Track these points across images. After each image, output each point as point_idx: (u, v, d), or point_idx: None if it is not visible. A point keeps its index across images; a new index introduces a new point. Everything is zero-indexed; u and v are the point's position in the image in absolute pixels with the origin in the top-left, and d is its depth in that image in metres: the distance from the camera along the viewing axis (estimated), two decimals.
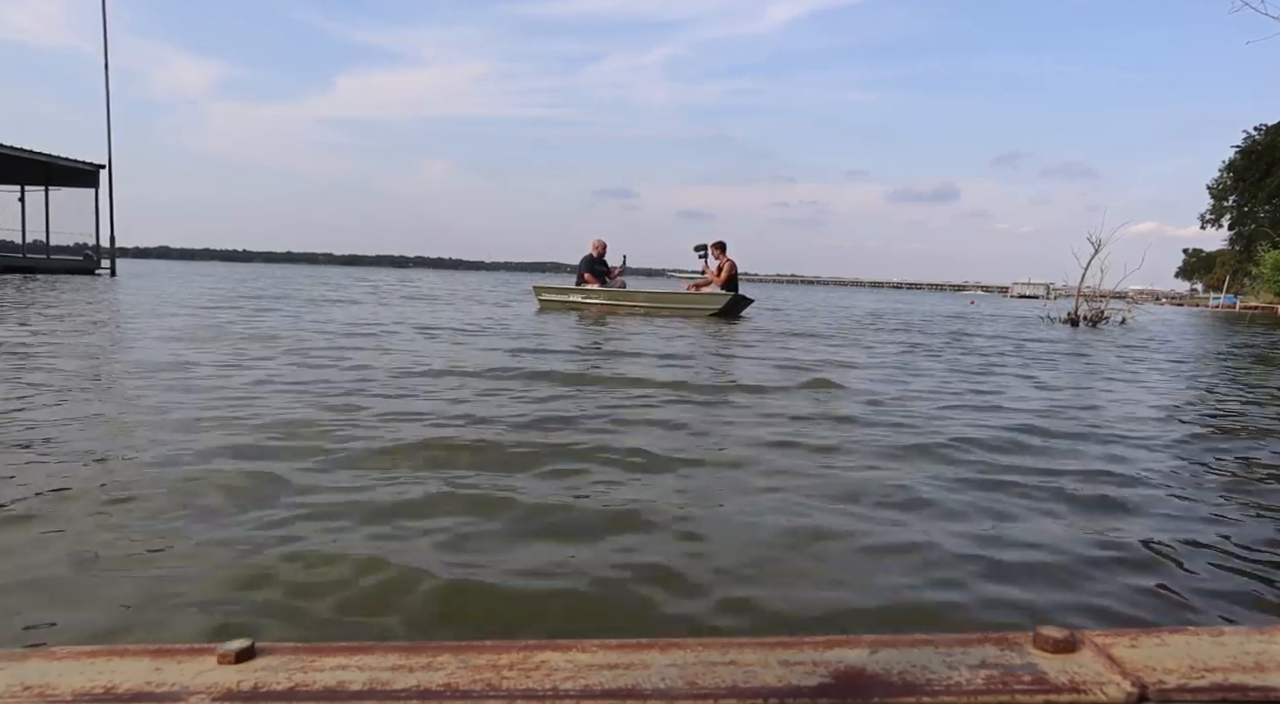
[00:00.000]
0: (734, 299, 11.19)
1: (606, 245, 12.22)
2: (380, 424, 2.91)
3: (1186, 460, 2.85)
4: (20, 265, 23.11)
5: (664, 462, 2.49)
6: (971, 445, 2.87)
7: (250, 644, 0.46)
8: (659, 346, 6.18)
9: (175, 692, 0.43)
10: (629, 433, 2.91)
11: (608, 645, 0.47)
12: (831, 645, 0.47)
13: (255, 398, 3.36)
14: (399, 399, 3.47)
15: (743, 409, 3.55)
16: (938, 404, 3.87)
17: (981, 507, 2.12)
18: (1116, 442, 3.08)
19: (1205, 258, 62.45)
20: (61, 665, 0.46)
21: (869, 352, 6.78)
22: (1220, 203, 48.25)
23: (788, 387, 4.26)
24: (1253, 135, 45.04)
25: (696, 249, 11.71)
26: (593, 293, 11.83)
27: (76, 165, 23.91)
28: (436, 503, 1.98)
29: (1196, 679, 0.43)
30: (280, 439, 2.62)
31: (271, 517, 1.84)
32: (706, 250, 11.63)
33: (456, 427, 2.92)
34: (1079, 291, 13.53)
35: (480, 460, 2.43)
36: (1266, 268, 35.49)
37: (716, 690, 0.43)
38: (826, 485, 2.27)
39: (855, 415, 3.44)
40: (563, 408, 3.35)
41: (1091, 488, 2.34)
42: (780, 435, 2.95)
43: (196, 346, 5.28)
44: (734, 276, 11.45)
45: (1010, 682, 0.43)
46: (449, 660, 0.45)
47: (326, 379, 3.98)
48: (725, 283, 11.36)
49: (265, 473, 2.18)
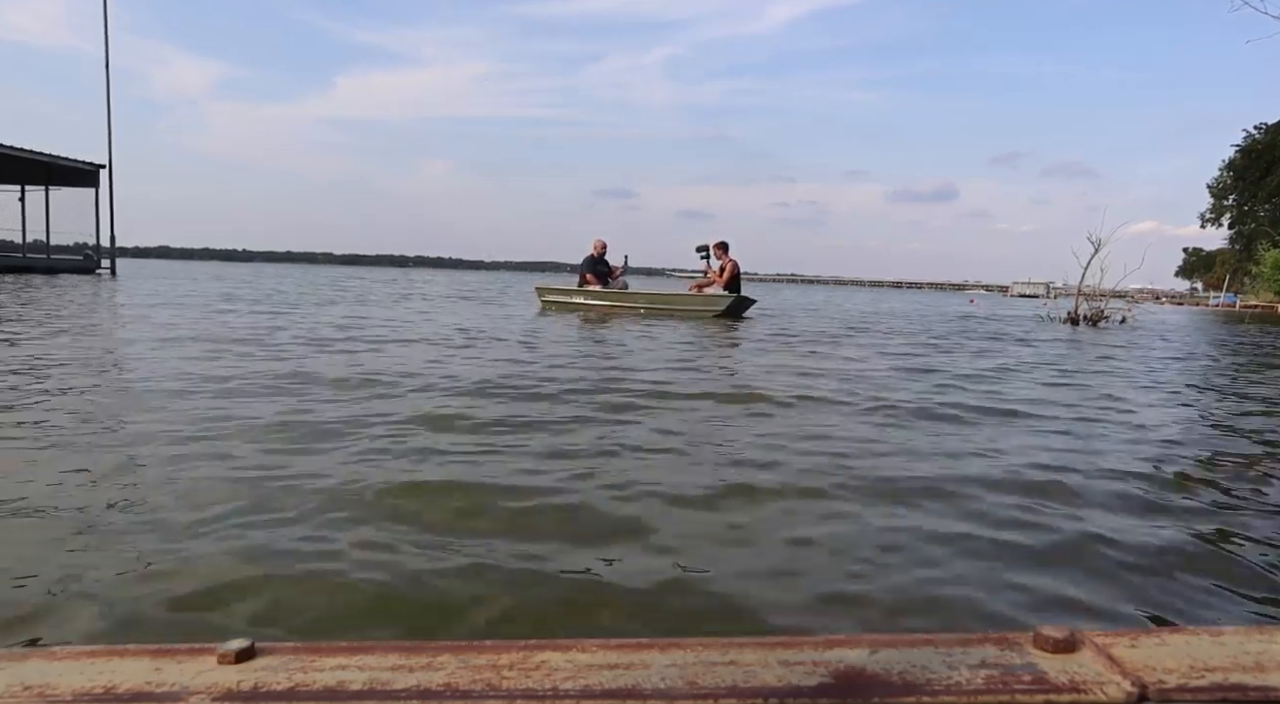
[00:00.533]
0: (737, 300, 11.12)
1: (607, 245, 12.20)
2: (395, 428, 2.91)
3: (1186, 460, 2.85)
4: (20, 265, 23.11)
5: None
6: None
7: (250, 644, 0.46)
8: (703, 360, 6.02)
9: (175, 691, 0.43)
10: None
11: (608, 645, 0.47)
12: (831, 645, 0.47)
13: (260, 400, 3.37)
14: (401, 399, 3.48)
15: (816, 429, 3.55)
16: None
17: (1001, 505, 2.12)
18: (1118, 440, 3.08)
19: (1205, 257, 62.45)
20: (61, 665, 0.46)
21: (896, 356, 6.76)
22: (1220, 202, 48.27)
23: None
24: (1253, 134, 45.06)
25: (699, 250, 11.64)
26: (595, 294, 11.78)
27: (76, 165, 23.92)
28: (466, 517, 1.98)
29: (1196, 679, 0.43)
30: (289, 440, 2.62)
31: (271, 515, 1.84)
32: (709, 251, 11.55)
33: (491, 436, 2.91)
34: (1079, 291, 13.53)
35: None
36: (1266, 267, 35.50)
37: (716, 690, 0.43)
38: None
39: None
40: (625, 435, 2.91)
41: (1089, 486, 2.35)
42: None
43: (198, 349, 5.28)
44: (736, 277, 11.39)
45: (1010, 681, 0.43)
46: (449, 660, 0.45)
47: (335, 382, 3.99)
48: (728, 283, 11.28)
49: (263, 472, 2.19)
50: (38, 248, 25.31)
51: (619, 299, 11.71)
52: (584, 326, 8.73)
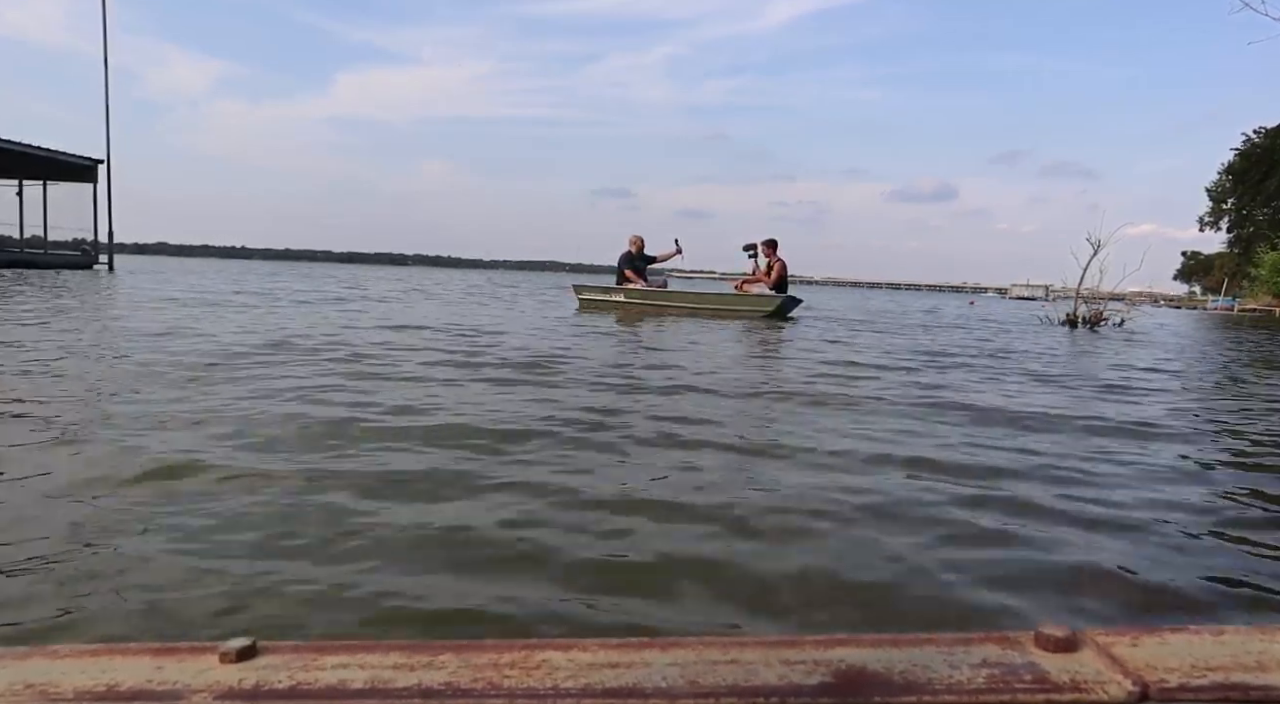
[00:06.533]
0: (786, 300, 10.81)
1: (644, 240, 11.71)
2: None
3: (1185, 458, 2.86)
4: (18, 260, 23.08)
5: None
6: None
7: (252, 643, 0.47)
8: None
9: (177, 690, 0.43)
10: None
11: (608, 645, 0.47)
12: (833, 644, 0.47)
13: (264, 402, 3.36)
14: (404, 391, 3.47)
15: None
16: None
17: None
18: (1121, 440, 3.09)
19: (1204, 260, 62.63)
20: (63, 664, 0.46)
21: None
22: (1219, 205, 48.40)
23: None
24: (1252, 138, 45.17)
25: (746, 249, 11.28)
26: (635, 293, 11.28)
27: (75, 160, 23.89)
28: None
29: (1198, 678, 0.43)
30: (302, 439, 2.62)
31: (268, 516, 1.84)
32: (757, 250, 11.20)
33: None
34: (1077, 293, 13.53)
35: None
36: (1265, 269, 35.60)
37: (717, 689, 0.43)
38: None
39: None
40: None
41: (1089, 484, 2.35)
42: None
43: (199, 358, 5.28)
44: (784, 277, 11.04)
45: (1011, 681, 0.43)
46: (450, 659, 0.46)
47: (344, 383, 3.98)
48: (776, 283, 10.96)
49: (263, 472, 2.19)
50: (35, 243, 25.28)
51: (662, 299, 11.25)
52: (650, 332, 8.01)
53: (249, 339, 5.50)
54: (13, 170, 24.17)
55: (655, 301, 11.22)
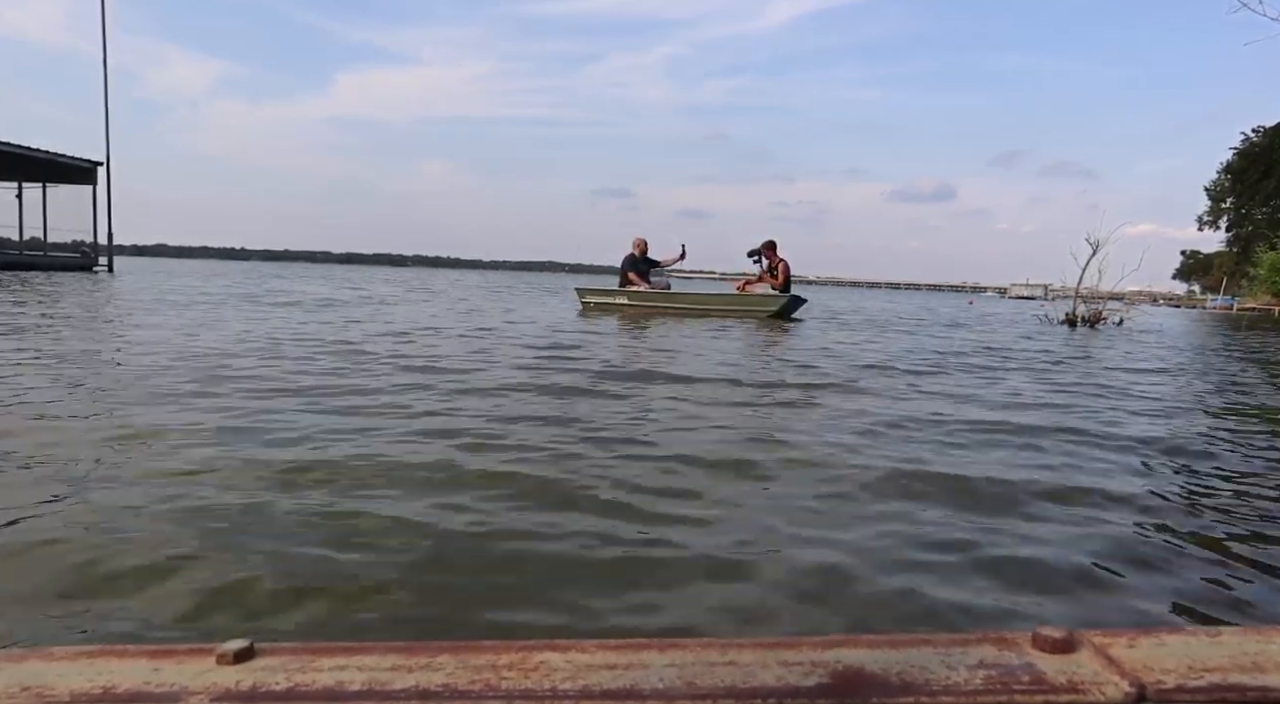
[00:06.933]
0: (791, 300, 10.79)
1: (647, 243, 11.70)
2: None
3: (1185, 457, 2.86)
4: (17, 262, 23.06)
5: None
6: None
7: (249, 644, 0.46)
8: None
9: (174, 692, 0.43)
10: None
11: (606, 646, 0.47)
12: (830, 646, 0.47)
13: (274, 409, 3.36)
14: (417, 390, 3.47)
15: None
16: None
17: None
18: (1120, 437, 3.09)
19: (1203, 259, 62.63)
20: (59, 666, 0.45)
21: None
22: (1218, 205, 48.39)
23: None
24: (1250, 137, 45.16)
25: (750, 254, 11.28)
26: (639, 295, 11.28)
27: (74, 162, 23.86)
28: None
29: (1195, 679, 0.43)
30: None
31: (268, 515, 1.84)
32: (760, 254, 11.21)
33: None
34: (1077, 292, 13.53)
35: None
36: (1264, 269, 35.60)
37: (715, 691, 0.43)
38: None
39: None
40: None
41: (1089, 484, 2.35)
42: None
43: (201, 355, 5.28)
44: (789, 277, 11.05)
45: (1009, 682, 0.43)
46: (448, 661, 0.46)
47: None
48: (783, 283, 10.98)
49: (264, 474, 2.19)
50: (35, 245, 25.25)
51: (665, 300, 11.23)
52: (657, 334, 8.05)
53: (325, 344, 5.49)
54: (12, 173, 24.15)
55: (659, 303, 11.22)
